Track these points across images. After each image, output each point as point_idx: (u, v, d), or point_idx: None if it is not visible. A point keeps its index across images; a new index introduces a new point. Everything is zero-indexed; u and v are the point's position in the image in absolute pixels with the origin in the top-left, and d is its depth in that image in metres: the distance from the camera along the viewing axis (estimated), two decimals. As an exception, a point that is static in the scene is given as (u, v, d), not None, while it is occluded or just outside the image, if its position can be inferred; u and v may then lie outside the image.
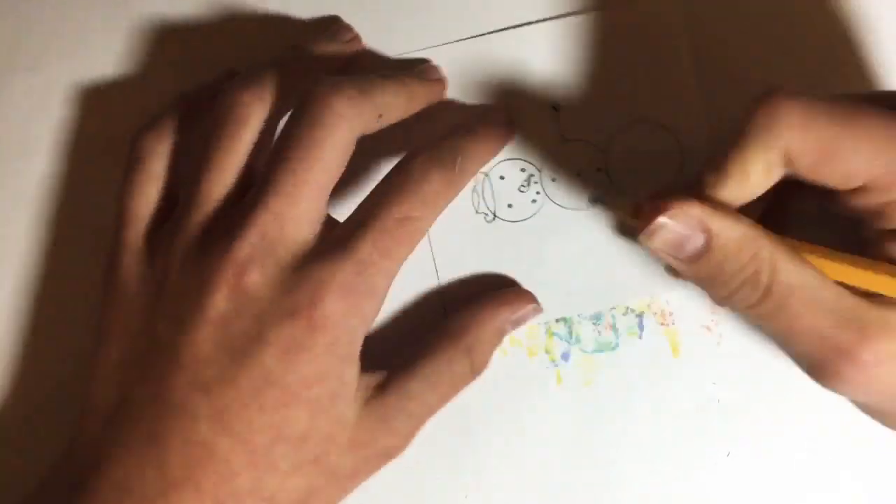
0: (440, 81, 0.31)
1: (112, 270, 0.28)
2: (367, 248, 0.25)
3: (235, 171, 0.27)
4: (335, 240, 0.26)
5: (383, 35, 0.32)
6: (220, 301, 0.25)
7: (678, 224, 0.24)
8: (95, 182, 0.32)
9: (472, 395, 0.30)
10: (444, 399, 0.28)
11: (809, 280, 0.23)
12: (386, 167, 0.28)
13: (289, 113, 0.27)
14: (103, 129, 0.32)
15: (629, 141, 0.31)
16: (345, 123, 0.25)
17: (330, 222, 0.27)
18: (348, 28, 0.31)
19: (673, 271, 0.29)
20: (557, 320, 0.31)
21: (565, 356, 0.31)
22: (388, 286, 0.26)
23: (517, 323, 0.30)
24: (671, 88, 0.31)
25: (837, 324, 0.22)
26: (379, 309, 0.26)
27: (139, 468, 0.25)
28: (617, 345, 0.31)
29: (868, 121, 0.22)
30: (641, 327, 0.31)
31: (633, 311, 0.31)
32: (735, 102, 0.30)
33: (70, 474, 0.26)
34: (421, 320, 0.31)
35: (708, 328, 0.31)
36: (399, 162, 0.27)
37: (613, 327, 0.31)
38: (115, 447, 0.25)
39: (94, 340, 0.27)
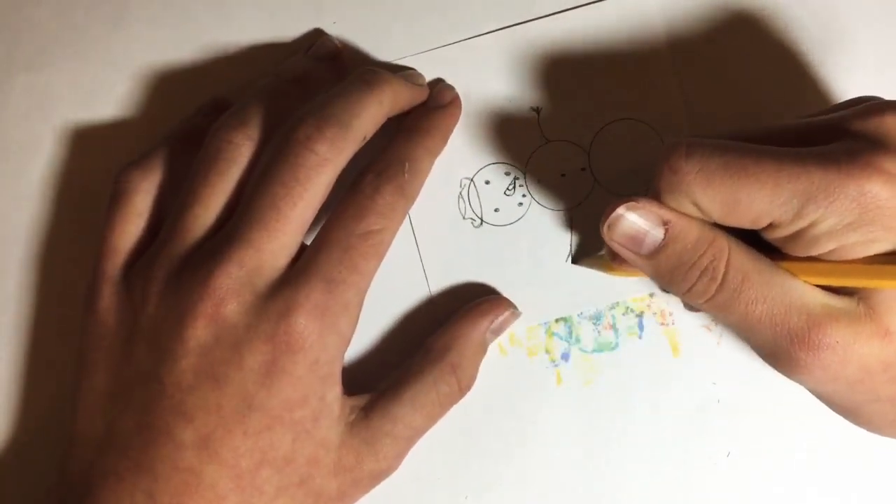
0: (423, 87, 0.31)
1: (91, 302, 0.28)
2: (333, 267, 0.26)
3: (219, 207, 0.27)
4: (303, 264, 0.27)
5: (364, 44, 0.32)
6: (199, 331, 0.25)
7: (636, 216, 0.25)
8: (94, 183, 0.32)
9: (473, 396, 0.30)
10: (432, 420, 0.29)
11: (762, 266, 0.24)
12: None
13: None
14: (103, 135, 0.32)
15: (611, 140, 0.31)
16: (329, 166, 0.27)
17: (301, 248, 0.27)
18: (334, 43, 0.32)
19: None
20: (557, 320, 0.31)
21: (565, 356, 0.31)
22: (361, 301, 0.27)
23: (497, 331, 0.30)
24: (652, 87, 0.31)
25: (788, 311, 0.24)
26: (355, 324, 0.27)
27: (130, 496, 0.25)
28: (617, 345, 0.31)
29: (757, 167, 0.23)
30: (641, 327, 0.31)
31: (633, 311, 0.31)
32: (715, 100, 0.31)
33: (62, 502, 0.26)
34: (414, 332, 0.31)
35: (708, 328, 0.31)
36: (351, 182, 0.28)
37: (613, 327, 0.31)
38: (105, 476, 0.26)
39: (76, 371, 0.28)
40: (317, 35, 0.32)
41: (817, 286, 0.24)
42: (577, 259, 0.31)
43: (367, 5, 0.32)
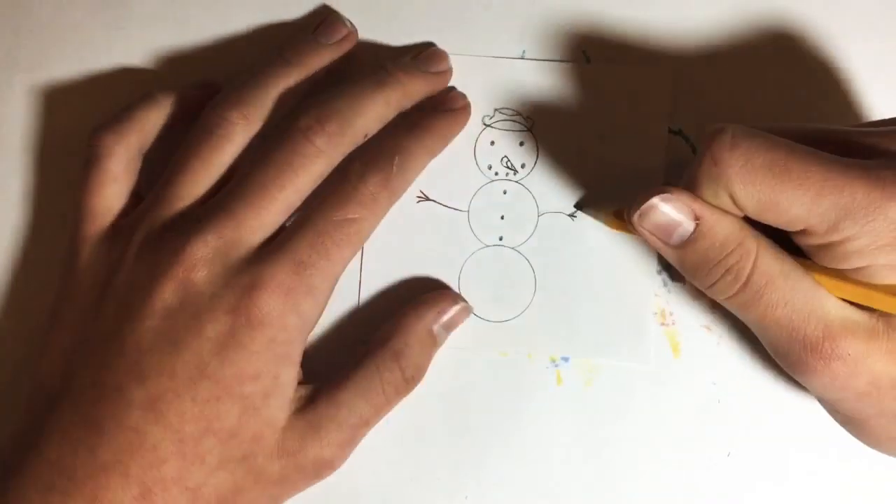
0: (443, 73, 0.31)
1: (70, 262, 0.28)
2: (304, 250, 0.27)
3: (208, 181, 0.28)
4: (277, 243, 0.27)
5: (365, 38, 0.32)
6: (166, 294, 0.26)
7: (670, 207, 0.25)
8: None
9: (473, 396, 0.31)
10: (378, 408, 0.28)
11: (787, 270, 0.24)
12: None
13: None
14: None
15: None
16: (323, 158, 0.27)
17: (280, 228, 0.28)
18: (342, 23, 0.31)
19: (670, 271, 0.29)
20: (557, 320, 0.31)
21: (565, 357, 0.31)
22: (330, 287, 0.28)
23: (449, 326, 0.30)
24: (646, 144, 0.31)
25: (806, 319, 0.24)
26: (320, 309, 0.27)
27: (72, 450, 0.25)
28: (617, 345, 0.31)
29: (803, 172, 0.23)
30: (641, 327, 0.31)
31: (633, 311, 0.31)
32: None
33: (12, 453, 0.27)
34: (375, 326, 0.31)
35: (708, 328, 0.31)
36: (338, 165, 0.28)
37: (613, 327, 0.31)
38: (53, 429, 0.26)
39: (45, 327, 0.28)
40: (325, 12, 0.32)
41: (840, 299, 0.24)
42: (581, 206, 0.31)
43: (368, 5, 0.32)
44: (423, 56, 0.31)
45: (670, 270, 0.31)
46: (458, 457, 0.31)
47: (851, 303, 0.24)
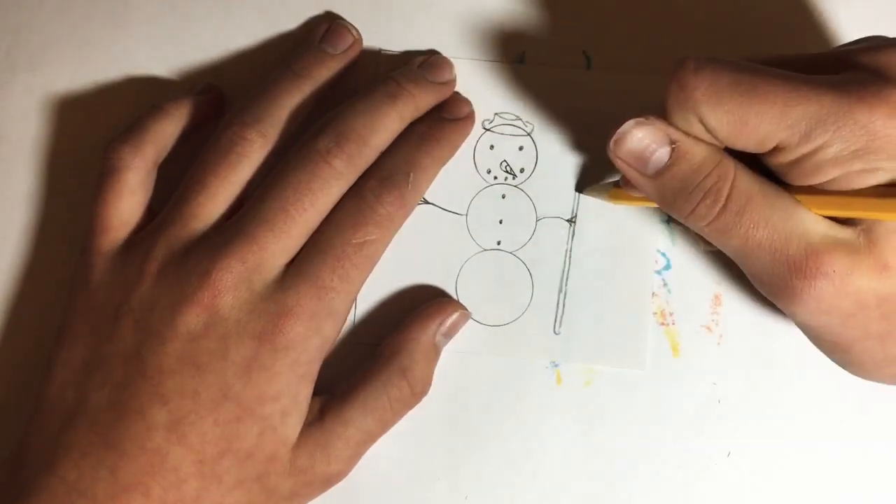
0: (450, 83, 0.31)
1: (82, 275, 0.28)
2: (326, 274, 0.27)
3: (227, 199, 0.28)
4: (298, 267, 0.27)
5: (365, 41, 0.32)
6: (191, 318, 0.26)
7: (645, 132, 0.25)
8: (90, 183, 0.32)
9: (473, 396, 0.31)
10: (385, 424, 0.29)
11: (767, 190, 0.24)
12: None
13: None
14: (103, 135, 0.32)
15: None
16: (343, 179, 0.28)
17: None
18: (348, 31, 0.31)
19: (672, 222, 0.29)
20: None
21: (556, 363, 0.31)
22: (349, 307, 0.28)
23: (449, 334, 0.30)
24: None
25: (788, 237, 0.24)
26: (339, 329, 0.28)
27: (93, 471, 0.25)
28: (617, 345, 0.31)
29: (768, 87, 0.23)
30: (641, 327, 0.31)
31: (633, 311, 0.31)
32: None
33: (21, 473, 0.26)
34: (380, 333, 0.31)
35: (708, 328, 0.31)
36: (353, 186, 0.28)
37: (613, 327, 0.31)
38: (70, 449, 0.26)
39: (55, 342, 0.28)
40: (330, 19, 0.32)
41: (820, 217, 0.24)
42: (580, 188, 0.31)
43: (368, 5, 0.32)
44: (429, 64, 0.31)
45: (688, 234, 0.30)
46: (458, 457, 0.31)
47: (831, 221, 0.24)
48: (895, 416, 0.30)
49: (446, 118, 0.30)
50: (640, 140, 0.25)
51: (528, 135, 0.31)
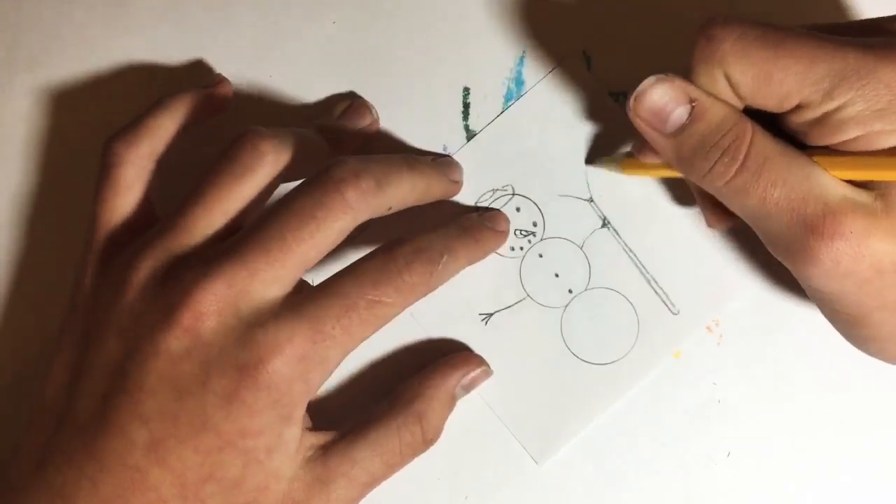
0: (458, 184, 0.31)
1: (79, 275, 0.28)
2: (329, 321, 0.25)
3: (223, 216, 0.27)
4: (300, 304, 0.26)
5: (363, 43, 0.32)
6: (172, 340, 0.25)
7: (665, 88, 0.25)
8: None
9: (473, 395, 0.30)
10: (390, 468, 0.28)
11: (785, 150, 0.24)
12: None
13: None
14: (103, 135, 0.32)
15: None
16: (350, 215, 0.26)
17: (299, 284, 0.26)
18: (368, 108, 0.31)
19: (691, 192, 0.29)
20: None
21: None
22: (340, 361, 0.26)
23: (468, 387, 0.30)
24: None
25: (806, 197, 0.24)
26: (325, 379, 0.26)
27: (76, 479, 0.25)
28: (617, 345, 0.31)
29: (794, 44, 0.23)
30: (641, 327, 0.31)
31: (633, 311, 0.31)
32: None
33: (11, 472, 0.26)
34: (388, 376, 0.31)
35: (708, 328, 0.31)
36: (386, 244, 0.27)
37: (613, 327, 0.31)
38: (58, 453, 0.26)
39: (56, 340, 0.28)
40: (351, 97, 0.32)
41: (838, 179, 0.24)
42: (590, 160, 0.31)
43: (367, 6, 0.32)
44: (442, 162, 0.31)
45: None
46: (458, 457, 0.31)
47: (849, 183, 0.24)
48: (895, 415, 0.30)
49: (487, 225, 0.30)
50: (660, 97, 0.25)
51: (514, 195, 0.31)
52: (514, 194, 0.31)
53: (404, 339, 0.31)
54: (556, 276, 0.31)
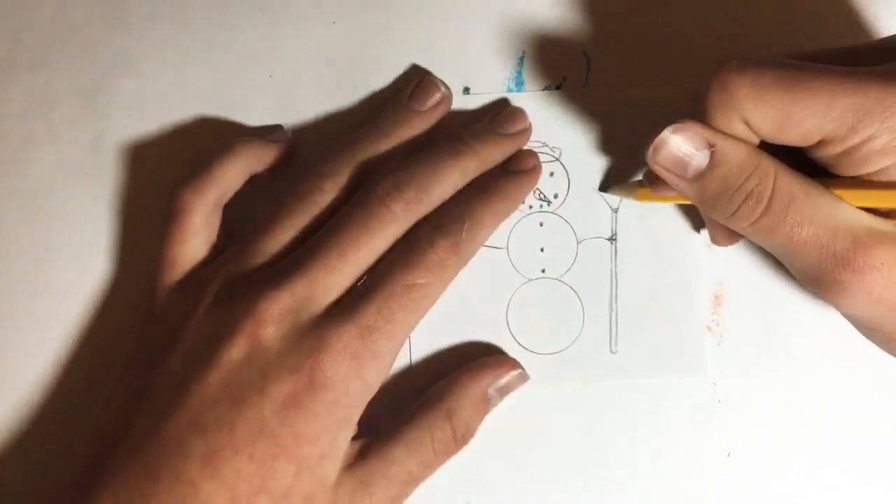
0: (521, 134, 0.31)
1: (150, 308, 0.29)
2: (371, 314, 0.27)
3: (288, 239, 0.28)
4: (345, 305, 0.27)
5: (364, 44, 0.32)
6: (234, 348, 0.26)
7: (683, 137, 0.25)
8: (90, 182, 0.32)
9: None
10: (427, 466, 0.28)
11: (808, 188, 0.24)
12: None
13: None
14: (99, 131, 0.32)
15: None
16: (399, 224, 0.28)
17: (349, 288, 0.28)
18: (436, 86, 0.31)
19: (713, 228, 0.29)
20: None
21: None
22: (395, 352, 0.27)
23: (503, 390, 0.30)
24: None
25: (834, 233, 0.24)
26: (383, 374, 0.27)
27: (128, 498, 0.25)
28: (617, 345, 0.31)
29: (812, 82, 0.23)
30: (641, 327, 0.31)
31: (633, 311, 0.31)
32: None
33: (71, 495, 0.26)
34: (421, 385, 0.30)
35: (708, 328, 0.31)
36: (409, 229, 0.28)
37: (613, 327, 0.31)
38: (111, 473, 0.26)
39: (122, 369, 0.28)
40: (421, 75, 0.31)
41: (863, 209, 0.24)
42: (604, 187, 0.31)
43: (367, 6, 0.32)
44: (501, 117, 0.31)
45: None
46: (459, 457, 0.31)
47: (874, 213, 0.24)
48: (895, 415, 0.30)
49: (510, 170, 0.30)
50: (679, 146, 0.25)
51: (558, 160, 0.31)
52: (557, 160, 0.31)
53: (436, 344, 0.31)
54: (542, 250, 0.31)
